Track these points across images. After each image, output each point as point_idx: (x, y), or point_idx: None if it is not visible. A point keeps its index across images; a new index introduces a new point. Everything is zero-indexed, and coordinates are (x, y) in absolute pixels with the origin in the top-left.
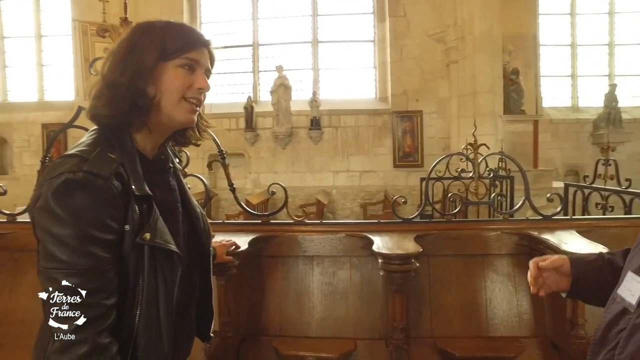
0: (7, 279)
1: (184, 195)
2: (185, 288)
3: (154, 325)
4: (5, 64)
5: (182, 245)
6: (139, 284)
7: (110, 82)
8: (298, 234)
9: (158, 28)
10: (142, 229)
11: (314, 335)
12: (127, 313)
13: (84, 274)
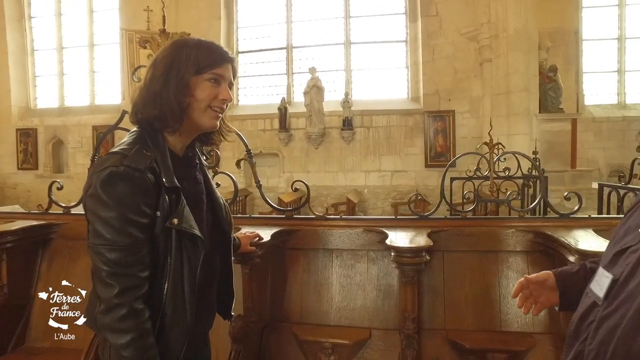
0: (63, 264)
1: (209, 188)
2: (208, 268)
3: (179, 297)
4: (63, 72)
5: (205, 231)
6: (167, 262)
7: (154, 92)
8: (319, 229)
9: (192, 45)
10: (170, 215)
11: (332, 324)
12: (157, 286)
13: (123, 249)
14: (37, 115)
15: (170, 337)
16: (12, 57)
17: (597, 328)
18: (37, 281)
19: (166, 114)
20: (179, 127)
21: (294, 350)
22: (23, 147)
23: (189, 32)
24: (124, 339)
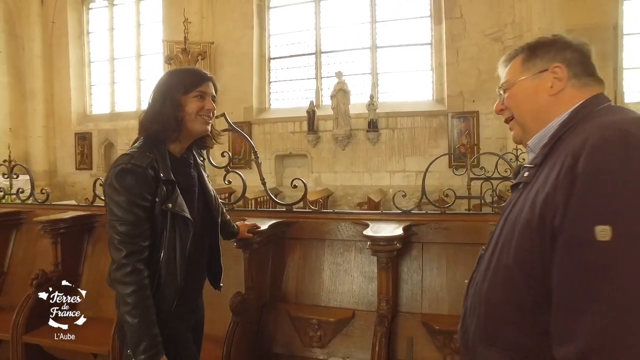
0: (104, 247)
1: (202, 182)
2: (198, 243)
3: (172, 263)
4: (114, 81)
5: (196, 214)
6: (163, 236)
7: (155, 112)
8: (314, 221)
9: (180, 72)
10: (166, 201)
11: (322, 305)
12: (156, 254)
13: (129, 224)
14: (92, 121)
15: (164, 293)
16: (73, 69)
17: (469, 288)
18: (84, 261)
19: (166, 127)
20: (179, 136)
21: (288, 326)
22: (80, 150)
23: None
24: (128, 289)
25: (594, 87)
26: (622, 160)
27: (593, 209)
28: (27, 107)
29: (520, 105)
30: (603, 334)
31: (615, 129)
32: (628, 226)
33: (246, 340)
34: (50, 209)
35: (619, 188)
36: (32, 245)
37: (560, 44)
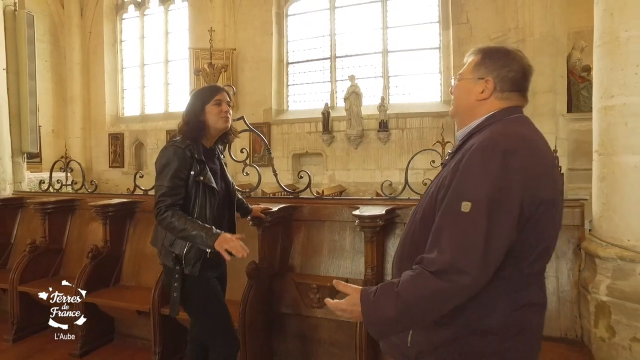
0: (144, 229)
1: (222, 168)
2: (219, 213)
3: (202, 217)
4: (144, 85)
5: (218, 189)
6: (197, 199)
7: (187, 120)
8: (316, 205)
9: (200, 90)
10: (199, 174)
11: (322, 274)
12: (192, 212)
13: (172, 188)
14: (124, 122)
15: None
16: (107, 75)
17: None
18: (126, 240)
19: (193, 128)
20: (205, 134)
21: (293, 291)
22: (113, 149)
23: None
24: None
25: (513, 101)
26: (482, 163)
27: (463, 191)
28: (67, 110)
29: (459, 96)
30: (453, 254)
31: (490, 140)
32: (475, 209)
33: (258, 301)
34: (98, 197)
35: (475, 182)
36: (84, 226)
37: (504, 61)
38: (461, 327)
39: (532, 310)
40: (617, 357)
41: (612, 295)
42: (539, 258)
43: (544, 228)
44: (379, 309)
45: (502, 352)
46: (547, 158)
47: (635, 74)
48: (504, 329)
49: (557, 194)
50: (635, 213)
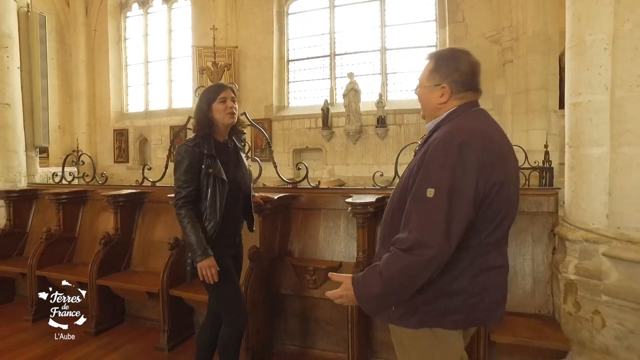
0: (151, 218)
1: (239, 157)
2: (234, 198)
3: (213, 207)
4: (148, 82)
5: (231, 178)
6: (208, 189)
7: (197, 118)
8: (314, 195)
9: (207, 90)
10: (209, 167)
11: (318, 258)
12: (203, 202)
13: (185, 181)
14: (128, 118)
15: (209, 225)
16: (112, 72)
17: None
18: (135, 228)
19: (203, 125)
20: (215, 129)
21: (291, 273)
22: (118, 145)
23: (236, 46)
24: (185, 219)
25: (469, 98)
26: (442, 155)
27: (428, 179)
28: (73, 106)
29: (422, 100)
30: (419, 232)
31: (449, 135)
32: (437, 194)
33: (259, 283)
34: (108, 189)
35: (437, 172)
36: (95, 216)
37: (453, 65)
38: (435, 291)
39: (493, 272)
40: (581, 328)
41: (578, 274)
42: (496, 229)
43: (498, 205)
44: (367, 288)
45: (469, 307)
46: (498, 145)
47: (598, 74)
48: (470, 288)
49: (508, 176)
50: (599, 200)
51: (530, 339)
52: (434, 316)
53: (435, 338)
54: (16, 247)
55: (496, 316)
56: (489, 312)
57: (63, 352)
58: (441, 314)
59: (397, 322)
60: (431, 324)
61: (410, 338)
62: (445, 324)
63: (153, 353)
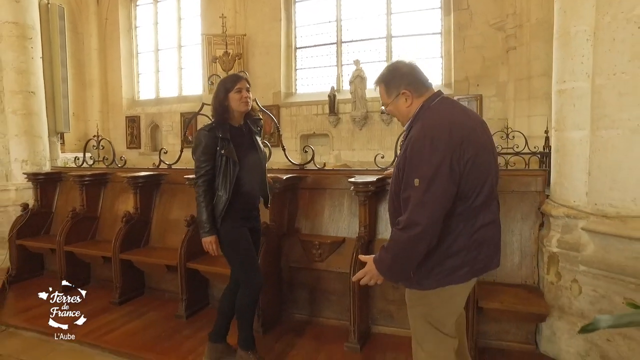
0: (168, 199)
1: (254, 140)
2: (248, 177)
3: (225, 184)
4: (158, 69)
5: (242, 157)
6: (221, 168)
7: (215, 106)
8: (319, 176)
9: (224, 79)
10: (222, 148)
11: (323, 234)
12: (217, 179)
13: (202, 161)
14: (140, 105)
15: (220, 200)
16: (123, 60)
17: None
18: (153, 208)
19: (219, 112)
20: (230, 115)
21: (299, 248)
22: (130, 131)
23: (244, 34)
24: (201, 196)
25: (427, 92)
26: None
27: (413, 171)
28: (86, 94)
29: (394, 112)
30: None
31: (421, 132)
32: (421, 183)
33: (270, 256)
34: (127, 171)
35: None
36: (115, 197)
37: (399, 76)
38: (440, 254)
39: (485, 228)
40: (561, 296)
41: (560, 246)
42: (479, 194)
43: (476, 175)
44: (382, 262)
45: (471, 260)
46: (463, 126)
47: (581, 63)
48: (469, 245)
49: (479, 149)
50: (580, 179)
51: (514, 304)
52: (444, 276)
53: (440, 296)
54: (43, 226)
55: (494, 263)
56: (487, 261)
57: (93, 318)
58: (450, 272)
59: (417, 286)
60: (444, 283)
61: (421, 298)
62: (455, 279)
63: (172, 320)
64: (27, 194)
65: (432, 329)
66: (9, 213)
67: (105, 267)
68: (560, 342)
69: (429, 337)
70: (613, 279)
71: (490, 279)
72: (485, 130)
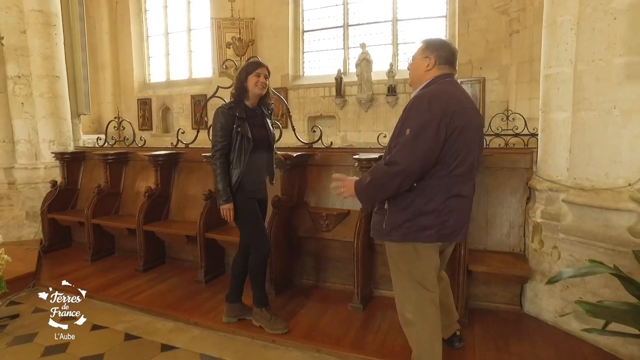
0: (186, 176)
1: (265, 122)
2: (258, 154)
3: (239, 158)
4: (168, 53)
5: (256, 137)
6: (236, 144)
7: (236, 86)
8: (326, 154)
9: (248, 63)
10: (239, 126)
11: (330, 207)
12: (231, 154)
13: (220, 136)
14: (151, 88)
15: (234, 173)
16: (134, 43)
17: None
18: (172, 184)
19: (239, 92)
20: (247, 96)
21: (307, 219)
22: (142, 113)
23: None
24: (218, 168)
25: (446, 70)
26: (417, 107)
27: (406, 123)
28: (98, 77)
29: (412, 69)
30: (396, 154)
31: (423, 93)
32: (411, 131)
33: (281, 226)
34: (146, 150)
35: (412, 118)
36: (136, 175)
37: (438, 46)
38: (413, 211)
39: (459, 199)
40: (543, 262)
41: (543, 217)
42: (460, 164)
43: (460, 144)
44: (360, 183)
45: (439, 224)
46: (460, 101)
47: (565, 50)
48: (441, 209)
49: (467, 124)
50: (562, 156)
51: (500, 268)
52: (414, 231)
53: (416, 251)
54: (70, 201)
55: (461, 235)
56: (454, 230)
57: (120, 284)
58: (419, 230)
59: (387, 238)
60: (411, 238)
61: (398, 252)
62: (422, 238)
63: (193, 285)
64: (55, 172)
65: (416, 284)
66: (40, 189)
67: (128, 239)
68: (541, 302)
69: (413, 294)
70: (586, 244)
71: (480, 247)
72: (477, 115)
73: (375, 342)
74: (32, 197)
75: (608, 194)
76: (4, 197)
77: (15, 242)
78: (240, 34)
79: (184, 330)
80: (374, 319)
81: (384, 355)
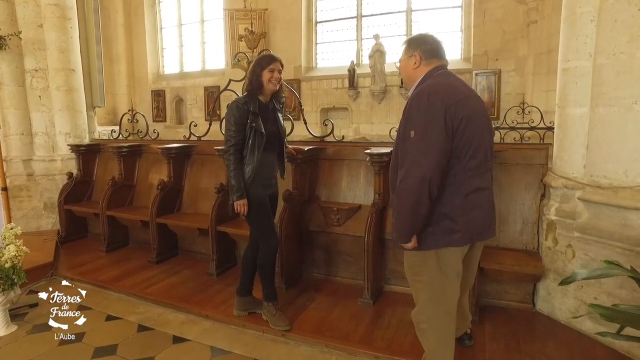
0: (198, 168)
1: (276, 117)
2: (270, 149)
3: (252, 153)
4: (182, 44)
5: (268, 132)
6: (249, 139)
7: (250, 80)
8: (338, 147)
9: (262, 57)
10: (253, 122)
11: (341, 201)
12: (245, 148)
13: (234, 131)
14: (165, 80)
15: (247, 168)
16: (148, 35)
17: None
18: (185, 177)
19: (253, 87)
20: (261, 91)
21: (318, 213)
22: (156, 105)
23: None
24: (233, 164)
25: (435, 63)
26: (417, 105)
27: (409, 124)
28: (113, 69)
29: (401, 70)
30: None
31: (420, 90)
32: (417, 132)
33: (292, 220)
34: (159, 143)
35: (414, 118)
36: (149, 167)
37: (420, 42)
38: (438, 214)
39: (479, 193)
40: (557, 260)
41: (558, 215)
42: (473, 157)
43: (469, 135)
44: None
45: (466, 223)
46: (460, 91)
47: (584, 43)
48: (464, 207)
49: (473, 113)
50: (578, 153)
51: (512, 266)
52: (442, 237)
53: (438, 259)
54: (86, 193)
55: (490, 231)
56: (483, 227)
57: (133, 274)
58: (446, 233)
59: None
60: (438, 244)
61: (418, 262)
62: (453, 242)
63: (204, 276)
64: (71, 164)
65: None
66: (56, 181)
67: (142, 231)
68: (554, 301)
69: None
70: (602, 243)
71: (493, 243)
72: (480, 101)
73: (384, 338)
74: (50, 188)
75: (627, 192)
76: (23, 188)
77: (34, 232)
78: (252, 26)
79: (195, 322)
80: (383, 314)
81: (393, 352)
